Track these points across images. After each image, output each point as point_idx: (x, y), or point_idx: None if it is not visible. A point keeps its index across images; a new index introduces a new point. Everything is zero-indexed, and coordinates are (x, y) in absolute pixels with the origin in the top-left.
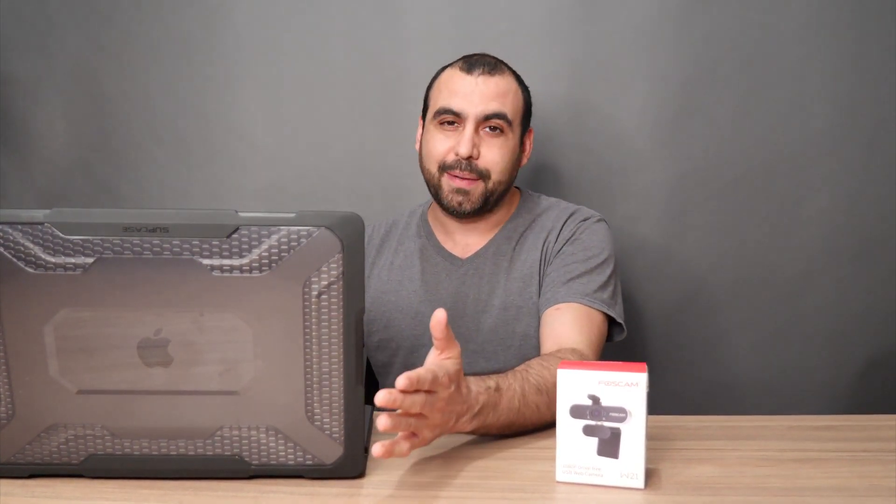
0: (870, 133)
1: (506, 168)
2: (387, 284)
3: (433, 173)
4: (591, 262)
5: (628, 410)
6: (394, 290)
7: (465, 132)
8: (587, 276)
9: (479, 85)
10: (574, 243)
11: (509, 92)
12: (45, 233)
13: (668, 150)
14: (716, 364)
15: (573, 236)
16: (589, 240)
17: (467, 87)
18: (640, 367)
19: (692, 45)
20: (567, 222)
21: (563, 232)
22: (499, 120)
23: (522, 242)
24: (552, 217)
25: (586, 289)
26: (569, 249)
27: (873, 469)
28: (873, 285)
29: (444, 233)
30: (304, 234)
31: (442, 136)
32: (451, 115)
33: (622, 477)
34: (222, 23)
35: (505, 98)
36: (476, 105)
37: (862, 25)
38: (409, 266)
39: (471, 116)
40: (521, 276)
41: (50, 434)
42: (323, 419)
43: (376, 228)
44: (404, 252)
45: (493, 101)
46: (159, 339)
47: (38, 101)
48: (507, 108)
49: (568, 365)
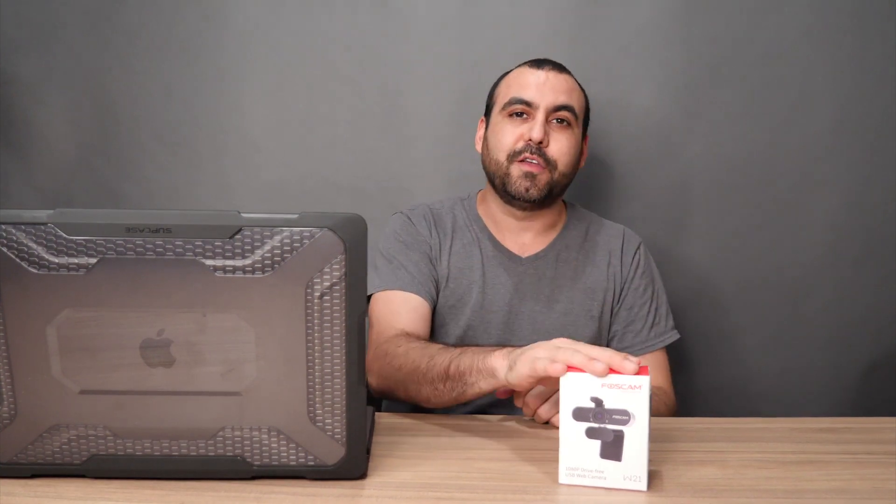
0: (872, 134)
1: (571, 161)
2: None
3: (501, 163)
4: (660, 295)
5: (631, 413)
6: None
7: (537, 119)
8: (659, 312)
9: (549, 79)
10: (643, 276)
11: (575, 90)
12: (48, 233)
13: (671, 151)
14: (717, 366)
15: (639, 266)
16: (650, 267)
17: (539, 80)
18: (642, 371)
19: (694, 46)
20: (625, 247)
21: (624, 257)
22: (567, 112)
23: (586, 254)
24: (605, 236)
25: (665, 328)
26: (640, 283)
27: (875, 472)
28: (875, 288)
29: (498, 230)
30: (307, 235)
31: (511, 126)
32: (522, 105)
33: (625, 479)
34: (225, 23)
35: (572, 94)
36: (546, 96)
37: (864, 26)
38: (469, 256)
39: (542, 106)
40: (585, 287)
41: (52, 434)
42: (325, 420)
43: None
44: (461, 241)
45: (563, 95)
46: (162, 339)
47: (41, 101)
48: (574, 102)
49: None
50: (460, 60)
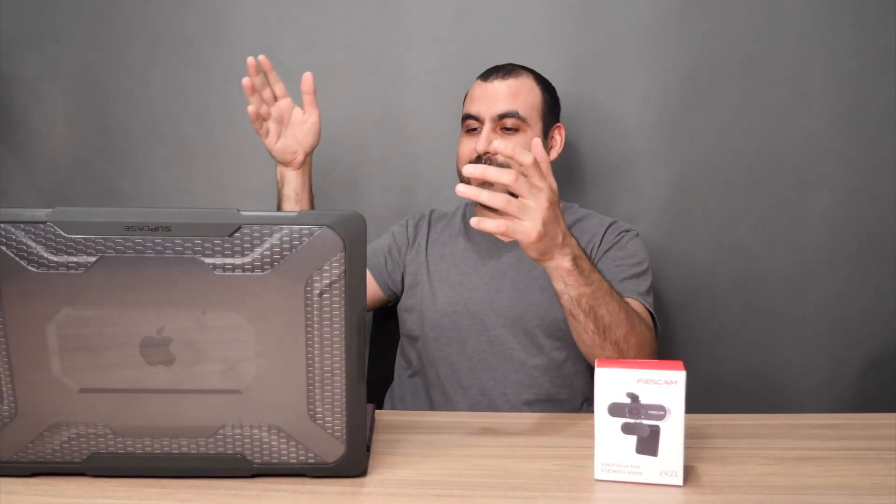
0: (870, 131)
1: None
2: (427, 256)
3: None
4: (637, 268)
5: (667, 408)
6: (434, 261)
7: (483, 132)
8: (636, 279)
9: (493, 88)
10: (620, 249)
11: (522, 91)
12: (47, 232)
13: (668, 148)
14: (717, 362)
15: (617, 243)
16: (633, 248)
17: (483, 92)
18: (677, 366)
19: (692, 44)
20: (609, 230)
21: (605, 237)
22: (512, 118)
23: None
24: (592, 224)
25: (639, 288)
26: (615, 254)
27: (875, 467)
28: (874, 284)
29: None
30: (306, 233)
31: (467, 141)
32: (472, 119)
33: (661, 474)
34: (223, 21)
35: (517, 97)
36: (490, 107)
37: (862, 24)
38: (452, 243)
39: (487, 118)
40: None
41: (52, 432)
42: (325, 418)
43: (424, 216)
44: (449, 232)
45: (504, 102)
46: (161, 337)
47: (40, 100)
48: (520, 106)
49: (606, 363)
50: (460, 60)
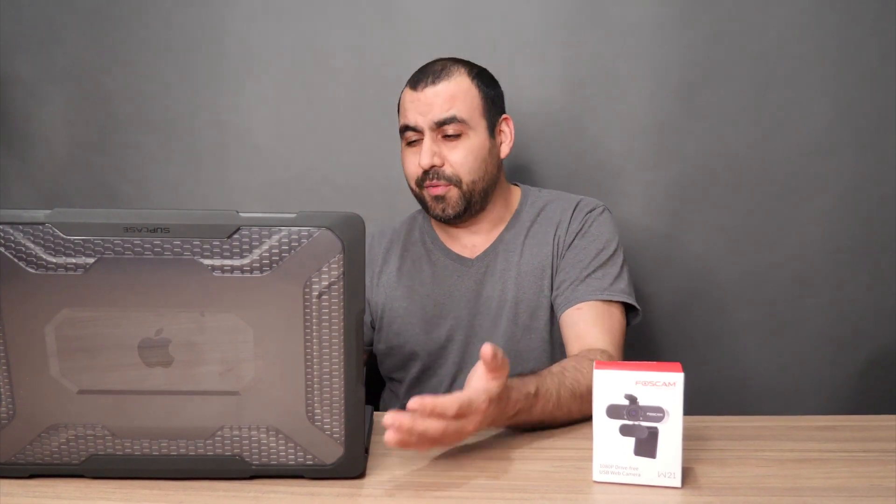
0: (870, 132)
1: (475, 167)
2: (396, 291)
3: (415, 190)
4: (602, 256)
5: (665, 410)
6: (404, 295)
7: (425, 144)
8: (601, 271)
9: (426, 96)
10: (584, 237)
11: (458, 93)
12: (45, 233)
13: (668, 150)
14: (715, 364)
15: (582, 229)
16: (597, 231)
17: (416, 101)
18: (675, 367)
19: (691, 45)
20: (574, 214)
21: (571, 224)
22: (452, 124)
23: (532, 236)
24: (558, 209)
25: (602, 283)
26: (580, 244)
27: (873, 469)
28: (873, 285)
29: (449, 237)
30: (305, 235)
31: (410, 154)
32: (410, 131)
33: (660, 476)
34: (224, 23)
35: (454, 101)
36: (427, 115)
37: (862, 25)
38: (419, 271)
39: (426, 128)
40: (531, 269)
41: (51, 434)
42: (323, 419)
43: (376, 237)
44: (411, 258)
45: (440, 108)
46: (160, 339)
47: (39, 101)
48: (458, 109)
49: (604, 365)
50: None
